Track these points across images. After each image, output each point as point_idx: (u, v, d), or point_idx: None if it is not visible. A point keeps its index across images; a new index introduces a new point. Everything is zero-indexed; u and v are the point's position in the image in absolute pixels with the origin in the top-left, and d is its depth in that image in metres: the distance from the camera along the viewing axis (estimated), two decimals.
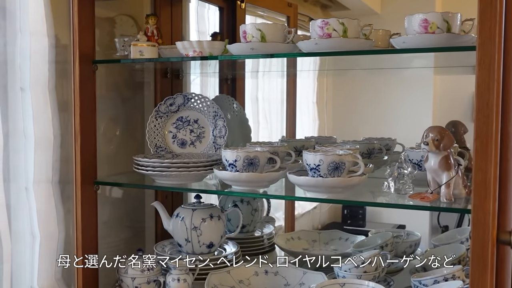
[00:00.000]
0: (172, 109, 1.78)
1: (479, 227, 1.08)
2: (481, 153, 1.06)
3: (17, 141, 1.53)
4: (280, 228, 2.48)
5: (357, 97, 2.67)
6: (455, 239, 1.82)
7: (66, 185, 1.65)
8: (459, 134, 1.77)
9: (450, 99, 2.64)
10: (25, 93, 1.53)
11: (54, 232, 1.60)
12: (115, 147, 1.85)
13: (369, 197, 1.49)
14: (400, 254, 1.83)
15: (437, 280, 1.44)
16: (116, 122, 1.86)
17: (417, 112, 2.54)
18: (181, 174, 1.53)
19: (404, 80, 2.50)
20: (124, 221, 1.92)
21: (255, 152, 1.45)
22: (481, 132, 1.05)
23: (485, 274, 1.09)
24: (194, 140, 1.78)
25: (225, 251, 1.77)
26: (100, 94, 1.68)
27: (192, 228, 1.68)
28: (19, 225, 1.54)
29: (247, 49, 1.41)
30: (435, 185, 1.34)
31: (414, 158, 1.57)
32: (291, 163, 1.60)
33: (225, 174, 1.47)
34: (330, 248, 1.96)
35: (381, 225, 2.56)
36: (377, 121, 2.58)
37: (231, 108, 2.00)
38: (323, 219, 2.91)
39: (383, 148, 1.81)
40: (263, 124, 2.66)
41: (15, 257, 1.52)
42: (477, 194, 1.08)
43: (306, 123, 2.77)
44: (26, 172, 1.55)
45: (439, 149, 1.30)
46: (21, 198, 1.55)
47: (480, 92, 1.05)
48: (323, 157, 1.36)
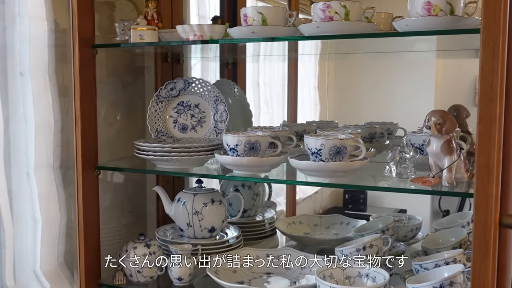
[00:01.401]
0: (172, 93, 1.77)
1: (481, 210, 1.08)
2: (484, 136, 1.05)
3: (18, 126, 1.53)
4: (281, 212, 2.48)
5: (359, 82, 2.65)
6: (456, 223, 1.82)
7: (67, 170, 1.65)
8: (461, 118, 1.76)
9: (452, 83, 2.62)
10: (25, 78, 1.52)
11: (56, 216, 1.61)
12: (116, 132, 1.85)
13: (370, 181, 1.49)
14: (401, 238, 1.83)
15: (438, 264, 1.44)
16: (117, 107, 1.85)
17: (419, 96, 2.52)
18: (182, 158, 1.53)
19: (406, 64, 2.48)
20: (126, 206, 1.92)
21: (256, 137, 1.44)
22: (485, 115, 1.05)
23: (487, 258, 1.09)
24: (195, 125, 1.78)
25: (226, 235, 1.78)
26: (101, 79, 1.67)
27: (193, 212, 1.68)
28: (20, 210, 1.55)
29: (248, 32, 1.40)
30: (437, 169, 1.33)
31: (416, 142, 1.56)
32: (293, 148, 1.60)
33: (226, 159, 1.46)
34: (332, 232, 1.96)
35: (382, 210, 2.56)
36: (379, 105, 2.57)
37: (232, 93, 1.99)
38: (325, 203, 2.91)
39: (385, 132, 1.81)
40: (264, 108, 2.65)
41: (17, 242, 1.53)
42: (480, 178, 1.08)
43: (308, 107, 2.76)
44: (27, 157, 1.55)
45: (441, 133, 1.29)
46: (22, 183, 1.55)
47: (484, 75, 1.04)
48: (325, 141, 1.35)
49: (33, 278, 1.59)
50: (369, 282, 1.43)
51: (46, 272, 1.59)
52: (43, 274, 1.59)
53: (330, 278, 1.44)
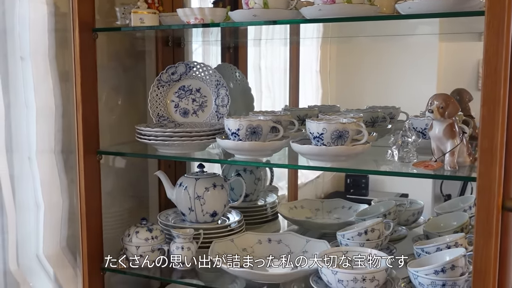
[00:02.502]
0: (174, 78, 1.76)
1: (484, 194, 1.08)
2: (488, 119, 1.05)
3: (19, 111, 1.52)
4: (283, 197, 2.48)
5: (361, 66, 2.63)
6: (458, 208, 1.82)
7: (69, 155, 1.64)
8: (464, 102, 1.75)
9: (455, 67, 2.60)
10: (25, 62, 1.52)
11: (58, 201, 1.61)
12: (117, 116, 1.84)
13: (372, 165, 1.49)
14: (403, 222, 1.83)
15: (439, 248, 1.44)
16: (118, 91, 1.85)
17: (421, 80, 2.50)
18: (183, 143, 1.52)
19: (409, 47, 2.46)
20: (128, 191, 1.93)
21: (258, 121, 1.44)
22: (489, 98, 1.04)
23: (490, 241, 1.09)
24: (196, 109, 1.77)
25: (228, 220, 1.78)
26: (101, 64, 1.67)
27: (195, 197, 1.68)
28: (23, 195, 1.55)
29: (250, 15, 1.38)
30: (439, 153, 1.33)
31: (418, 126, 1.56)
32: (294, 132, 1.59)
33: (228, 143, 1.46)
34: (333, 216, 1.97)
35: (384, 194, 2.56)
36: (381, 89, 2.55)
37: (234, 77, 1.98)
38: (326, 188, 2.91)
39: (387, 116, 1.80)
40: (265, 93, 2.63)
41: (20, 226, 1.53)
42: (483, 161, 1.07)
43: (309, 92, 2.74)
44: (29, 142, 1.55)
45: (444, 117, 1.28)
46: (24, 168, 1.55)
47: (488, 58, 1.03)
48: (327, 126, 1.35)
49: (36, 262, 1.60)
50: (370, 266, 1.43)
51: (49, 256, 1.60)
52: (46, 258, 1.60)
53: (332, 262, 1.44)
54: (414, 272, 1.32)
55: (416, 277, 1.32)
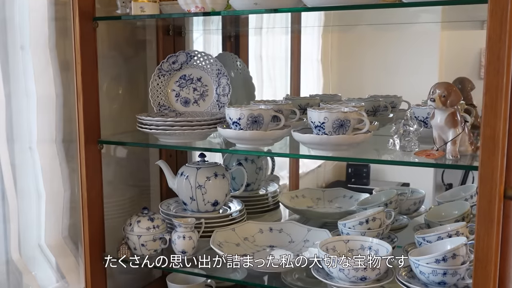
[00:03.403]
0: (174, 67, 1.76)
1: (486, 182, 1.08)
2: (490, 108, 1.04)
3: (20, 101, 1.52)
4: (284, 186, 2.49)
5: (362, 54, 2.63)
6: (459, 197, 1.82)
7: (71, 144, 1.64)
8: (466, 91, 1.74)
9: (457, 56, 2.59)
10: (26, 52, 1.51)
11: (60, 191, 1.61)
12: (118, 106, 1.84)
13: (374, 154, 1.48)
14: (404, 211, 1.84)
15: (440, 237, 1.45)
16: (119, 80, 1.84)
17: (423, 69, 2.49)
18: (184, 132, 1.52)
19: (410, 36, 2.45)
20: (129, 180, 1.93)
21: (259, 110, 1.43)
22: (491, 86, 1.03)
23: (491, 230, 1.09)
24: (197, 99, 1.77)
25: (229, 209, 1.79)
26: (102, 53, 1.66)
27: (196, 186, 1.68)
28: (24, 184, 1.55)
29: (251, 4, 1.37)
30: (441, 142, 1.32)
31: (420, 115, 1.56)
32: (296, 121, 1.59)
33: (229, 132, 1.46)
34: (334, 205, 1.97)
35: (385, 184, 2.57)
36: (383, 78, 2.55)
37: (235, 66, 1.98)
38: (327, 177, 2.92)
39: (389, 105, 1.79)
40: (267, 82, 2.63)
41: (21, 216, 1.54)
42: (485, 150, 1.07)
43: (311, 81, 2.74)
44: (30, 132, 1.55)
45: (446, 106, 1.28)
46: (25, 157, 1.55)
47: (491, 45, 1.02)
48: (328, 115, 1.34)
49: (39, 251, 1.61)
50: (372, 255, 1.43)
51: (51, 246, 1.61)
52: (48, 247, 1.60)
53: (333, 251, 1.45)
54: (415, 261, 1.33)
55: (417, 266, 1.32)
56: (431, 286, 1.32)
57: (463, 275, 1.30)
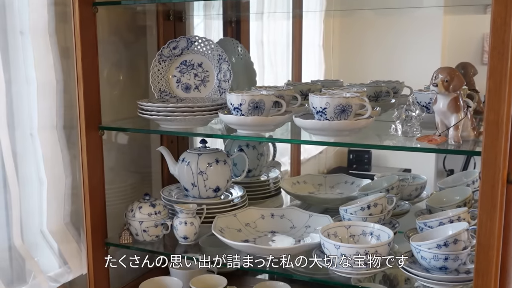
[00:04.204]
0: (175, 52, 1.75)
1: (489, 167, 1.07)
2: (494, 92, 1.03)
3: (20, 87, 1.51)
4: (286, 172, 2.49)
5: (364, 40, 2.61)
6: (461, 182, 1.82)
7: (72, 131, 1.64)
8: (468, 76, 1.73)
9: (459, 41, 2.58)
10: (25, 37, 1.50)
11: (61, 177, 1.61)
12: (119, 92, 1.83)
13: (376, 140, 1.48)
14: (405, 197, 1.84)
15: (442, 222, 1.45)
16: (119, 66, 1.83)
17: (425, 54, 2.48)
18: (186, 118, 1.51)
19: (413, 21, 2.43)
20: (130, 167, 1.93)
21: (261, 96, 1.43)
22: (495, 70, 1.02)
23: (494, 215, 1.09)
24: (198, 84, 1.76)
25: (231, 195, 1.79)
26: (102, 39, 1.65)
27: (198, 172, 1.68)
28: (26, 171, 1.55)
29: None
30: (443, 128, 1.32)
31: (422, 101, 1.55)
32: (297, 107, 1.58)
33: (230, 118, 1.45)
34: (336, 191, 1.97)
35: (386, 169, 2.56)
36: (385, 63, 2.54)
37: (236, 52, 1.96)
38: (329, 163, 2.92)
39: (391, 91, 1.79)
40: (268, 68, 2.61)
41: (23, 202, 1.54)
42: (489, 134, 1.06)
43: (312, 66, 2.73)
44: (30, 118, 1.54)
45: (448, 91, 1.27)
46: (26, 144, 1.54)
47: (495, 28, 1.01)
48: (330, 100, 1.34)
49: (41, 237, 1.61)
50: (373, 240, 1.44)
51: (53, 232, 1.61)
52: (50, 234, 1.60)
53: (335, 236, 1.45)
54: (417, 246, 1.33)
55: (418, 251, 1.32)
56: (433, 271, 1.33)
57: (464, 260, 1.31)
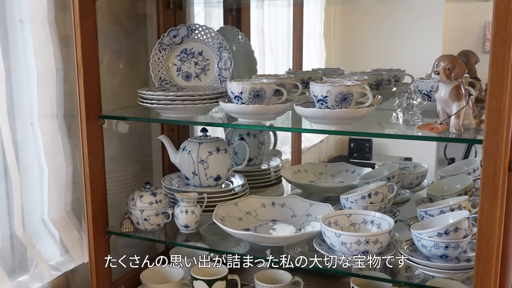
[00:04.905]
0: (175, 41, 1.74)
1: (491, 155, 1.07)
2: (496, 79, 1.03)
3: (20, 76, 1.51)
4: (286, 161, 2.49)
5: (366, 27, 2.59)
6: (462, 171, 1.82)
7: (72, 120, 1.64)
8: (470, 64, 1.72)
9: (461, 29, 2.56)
10: (25, 26, 1.49)
11: (62, 166, 1.61)
12: (119, 81, 1.82)
13: (377, 128, 1.47)
14: (406, 185, 1.84)
15: (443, 211, 1.45)
16: (119, 55, 1.82)
17: (427, 42, 2.46)
18: (186, 107, 1.51)
19: (414, 9, 2.41)
20: (131, 155, 1.93)
21: (261, 84, 1.42)
22: (498, 57, 1.01)
23: (495, 203, 1.09)
24: (199, 73, 1.75)
25: (232, 183, 1.79)
26: (102, 27, 1.64)
27: (199, 161, 1.68)
28: (26, 160, 1.55)
29: None
30: (445, 116, 1.31)
31: (424, 89, 1.54)
32: (298, 95, 1.58)
33: (231, 107, 1.45)
34: (337, 180, 1.97)
35: (387, 158, 2.56)
36: (386, 51, 2.52)
37: (236, 40, 1.95)
38: (330, 152, 2.91)
39: (392, 79, 1.78)
40: (269, 56, 2.60)
41: (24, 192, 1.54)
42: (491, 122, 1.06)
43: (313, 55, 2.71)
44: (31, 107, 1.54)
45: (450, 79, 1.26)
46: (27, 133, 1.54)
47: (498, 15, 1.00)
48: (331, 88, 1.33)
49: (42, 226, 1.61)
50: (374, 229, 1.44)
51: (54, 221, 1.61)
52: (51, 222, 1.61)
53: (335, 225, 1.45)
54: (417, 235, 1.33)
55: (419, 239, 1.33)
56: (433, 259, 1.33)
57: (465, 248, 1.31)
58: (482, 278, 1.15)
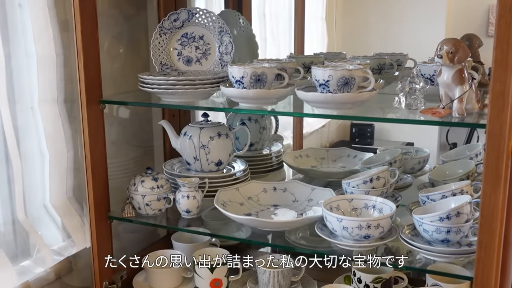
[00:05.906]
0: (176, 25, 1.72)
1: (494, 139, 1.06)
2: (501, 62, 1.01)
3: (20, 61, 1.50)
4: (288, 146, 2.48)
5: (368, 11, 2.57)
6: (464, 155, 1.81)
7: (73, 105, 1.63)
8: (473, 48, 1.71)
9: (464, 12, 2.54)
10: (24, 10, 1.48)
11: (63, 151, 1.60)
12: (120, 65, 1.81)
13: (379, 113, 1.46)
14: (408, 170, 1.83)
15: (445, 195, 1.44)
16: (120, 39, 1.81)
17: (430, 26, 2.44)
18: (187, 91, 1.50)
19: None
20: (132, 140, 1.92)
21: (263, 68, 1.41)
22: (502, 39, 1.00)
23: (498, 187, 1.08)
24: (200, 57, 1.74)
25: (233, 169, 1.78)
26: (102, 11, 1.62)
27: (200, 146, 1.68)
28: (27, 145, 1.54)
29: None
30: (448, 100, 1.30)
31: (426, 73, 1.53)
32: (300, 80, 1.56)
33: (232, 91, 1.44)
34: (338, 165, 1.97)
35: (389, 143, 2.55)
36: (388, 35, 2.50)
37: (237, 24, 1.94)
38: (331, 137, 2.91)
39: (394, 63, 1.76)
40: (270, 40, 2.58)
41: (26, 177, 1.54)
42: (494, 105, 1.05)
43: (315, 39, 2.69)
44: (31, 92, 1.53)
45: (453, 62, 1.25)
46: (27, 118, 1.53)
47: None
48: (333, 72, 1.32)
49: (44, 211, 1.62)
50: (375, 213, 1.44)
51: (56, 206, 1.61)
52: (53, 208, 1.61)
53: (337, 209, 1.45)
54: (419, 219, 1.33)
55: (421, 224, 1.33)
56: (435, 243, 1.33)
57: (466, 233, 1.31)
58: (484, 263, 1.15)
